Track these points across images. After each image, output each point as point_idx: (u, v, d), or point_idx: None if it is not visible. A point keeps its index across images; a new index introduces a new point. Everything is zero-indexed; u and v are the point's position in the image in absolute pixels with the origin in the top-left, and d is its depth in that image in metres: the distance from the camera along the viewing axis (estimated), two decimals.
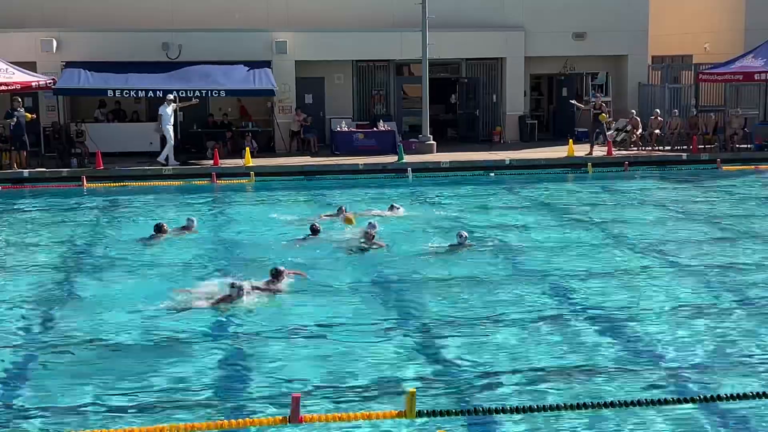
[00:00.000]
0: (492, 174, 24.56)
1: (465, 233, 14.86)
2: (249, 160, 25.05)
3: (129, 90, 25.92)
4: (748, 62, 27.23)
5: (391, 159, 25.94)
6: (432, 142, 27.28)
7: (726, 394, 8.06)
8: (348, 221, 16.06)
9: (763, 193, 21.29)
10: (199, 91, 26.07)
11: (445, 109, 32.00)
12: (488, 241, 15.48)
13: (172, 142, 25.27)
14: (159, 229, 16.09)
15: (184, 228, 16.59)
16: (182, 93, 26.10)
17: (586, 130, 30.33)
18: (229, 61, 27.04)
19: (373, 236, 14.90)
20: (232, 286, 11.85)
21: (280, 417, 7.66)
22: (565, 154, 26.20)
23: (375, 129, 27.88)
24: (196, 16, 28.21)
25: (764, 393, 7.95)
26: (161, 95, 26.26)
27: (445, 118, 31.72)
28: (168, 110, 25.18)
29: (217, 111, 29.04)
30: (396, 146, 26.49)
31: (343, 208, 17.43)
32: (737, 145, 27.27)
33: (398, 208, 18.08)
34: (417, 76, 28.97)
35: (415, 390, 7.68)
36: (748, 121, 27.86)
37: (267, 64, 27.46)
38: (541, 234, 16.00)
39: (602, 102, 26.72)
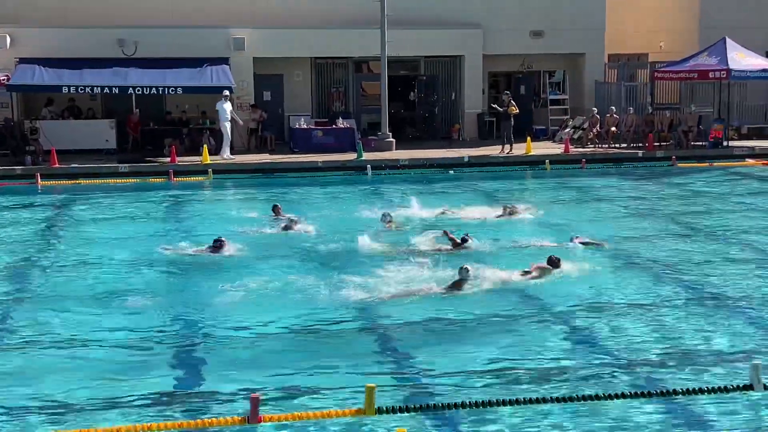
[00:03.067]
0: (451, 171, 24.63)
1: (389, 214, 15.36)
2: (207, 158, 24.87)
3: (84, 87, 25.60)
4: (702, 61, 27.59)
5: (350, 156, 25.91)
6: (391, 139, 27.29)
7: (681, 389, 8.16)
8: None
9: (716, 189, 21.59)
10: (156, 88, 25.84)
11: (404, 106, 32.01)
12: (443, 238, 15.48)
13: (229, 137, 25.47)
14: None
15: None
16: (138, 90, 25.86)
17: (544, 127, 30.61)
18: (186, 58, 26.79)
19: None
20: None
21: (239, 417, 7.61)
22: (523, 152, 26.35)
23: (334, 126, 27.80)
24: (152, 12, 27.91)
25: (717, 388, 8.05)
26: (116, 92, 26.00)
27: (404, 115, 31.73)
28: (225, 106, 25.31)
29: (174, 108, 28.78)
30: (355, 144, 26.45)
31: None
32: (692, 143, 27.63)
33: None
34: (376, 74, 28.96)
35: (374, 386, 7.66)
36: (702, 119, 28.23)
37: (225, 60, 27.27)
38: (499, 232, 16.00)
39: (510, 99, 26.84)
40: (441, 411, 7.85)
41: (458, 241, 14.45)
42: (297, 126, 27.69)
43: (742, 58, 26.97)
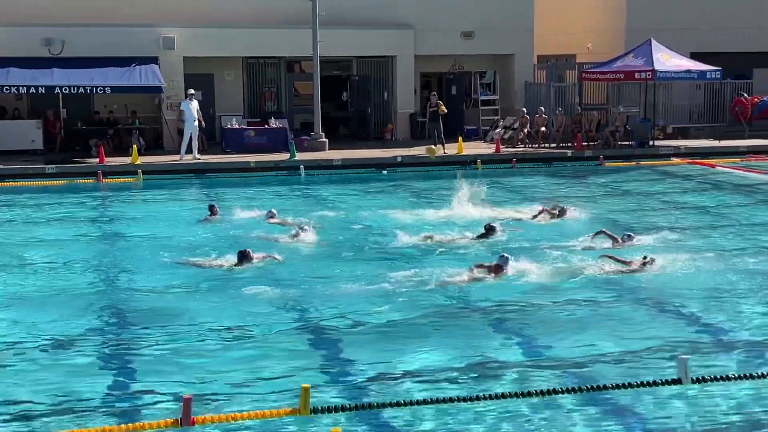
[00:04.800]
0: (384, 171, 24.69)
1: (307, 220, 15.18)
2: (136, 158, 24.50)
3: (9, 86, 25.06)
4: (628, 61, 28.10)
5: (283, 157, 25.79)
6: (324, 139, 27.24)
7: (612, 384, 8.30)
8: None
9: (642, 188, 22.03)
10: (84, 87, 25.39)
11: (337, 106, 31.99)
12: (386, 238, 15.52)
13: (187, 138, 25.09)
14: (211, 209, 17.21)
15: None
16: (66, 90, 25.38)
17: (475, 127, 30.88)
18: (114, 57, 26.36)
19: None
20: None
21: (172, 419, 7.51)
22: (455, 152, 26.54)
23: (266, 126, 27.65)
24: (79, 10, 27.37)
25: (647, 382, 8.21)
26: (43, 92, 25.47)
27: (337, 115, 31.71)
28: (192, 105, 25.01)
29: (102, 108, 28.30)
30: (288, 144, 26.34)
31: None
32: (619, 142, 28.15)
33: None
34: (308, 74, 28.89)
35: (309, 386, 7.64)
36: (629, 119, 28.79)
37: (154, 60, 26.91)
38: (428, 230, 16.02)
39: (438, 100, 27.09)
40: (376, 410, 7.86)
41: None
42: (229, 126, 27.47)
43: (667, 59, 27.57)
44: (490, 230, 15.30)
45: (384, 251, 14.61)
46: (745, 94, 30.62)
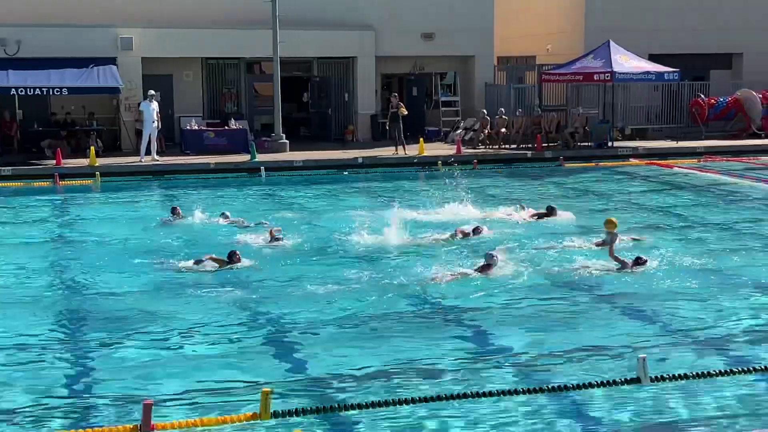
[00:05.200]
0: (345, 173, 24.65)
1: (278, 228, 15.10)
2: (94, 160, 24.22)
3: None
4: (587, 63, 28.37)
5: (243, 158, 25.65)
6: (285, 140, 27.15)
7: (572, 384, 8.34)
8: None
9: (601, 189, 22.21)
10: (40, 88, 25.06)
11: (298, 107, 31.92)
12: (343, 240, 15.48)
13: (146, 139, 24.77)
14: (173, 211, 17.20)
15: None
16: (21, 91, 25.03)
17: (437, 128, 30.95)
18: (71, 58, 26.05)
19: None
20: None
21: (131, 425, 7.41)
22: (416, 153, 26.58)
23: (226, 128, 27.49)
24: (35, 10, 27.00)
25: (606, 381, 8.25)
26: None
27: (298, 116, 31.64)
28: (152, 106, 24.74)
29: (59, 109, 27.94)
30: (248, 145, 26.20)
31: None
32: (578, 143, 28.38)
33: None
34: (269, 74, 28.78)
35: (269, 390, 7.58)
36: (588, 120, 29.04)
37: (112, 60, 26.64)
38: (385, 233, 15.99)
39: (398, 101, 27.15)
40: (337, 412, 7.82)
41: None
42: (188, 127, 27.27)
43: (625, 61, 27.85)
44: (475, 230, 15.40)
45: (347, 252, 14.57)
46: (702, 96, 31.03)
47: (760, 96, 30.75)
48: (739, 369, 8.31)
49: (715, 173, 23.96)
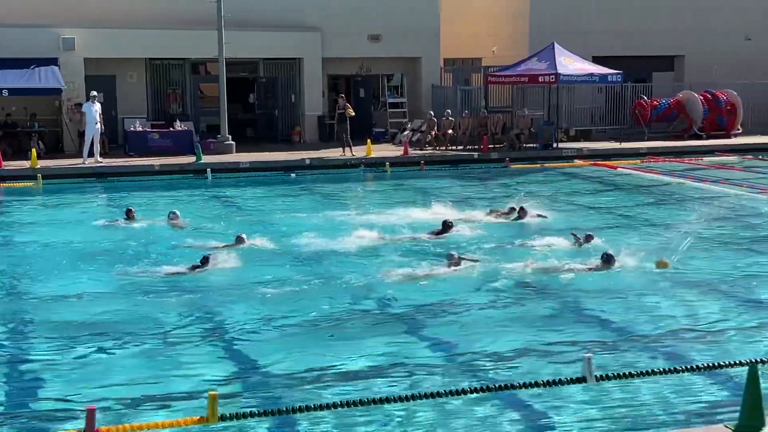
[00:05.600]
0: (293, 174, 24.55)
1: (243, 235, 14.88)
2: (36, 162, 23.78)
3: None
4: (532, 65, 28.62)
5: (188, 160, 25.40)
6: (231, 142, 26.96)
7: (518, 383, 8.40)
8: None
9: (547, 189, 22.41)
10: None
11: (244, 108, 31.73)
12: (294, 242, 15.41)
13: (89, 141, 24.33)
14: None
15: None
16: None
17: (384, 130, 30.98)
18: (12, 59, 25.56)
19: None
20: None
21: (75, 431, 7.29)
22: (363, 154, 26.58)
23: (171, 129, 27.21)
24: None
25: (552, 381, 8.32)
26: None
27: (244, 117, 31.45)
28: (94, 108, 24.33)
29: None
30: (193, 146, 25.96)
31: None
32: (524, 145, 28.62)
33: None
34: (214, 75, 28.54)
35: (216, 393, 7.51)
36: (533, 122, 29.31)
37: (54, 61, 26.20)
38: (335, 234, 16.00)
39: (345, 102, 27.17)
40: (285, 415, 7.77)
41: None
42: (132, 128, 26.93)
43: (569, 63, 28.16)
44: (446, 227, 15.43)
45: (295, 254, 14.51)
46: (645, 97, 31.51)
47: (702, 97, 31.32)
48: (683, 367, 8.43)
49: (657, 174, 24.34)
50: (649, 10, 33.69)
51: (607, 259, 13.04)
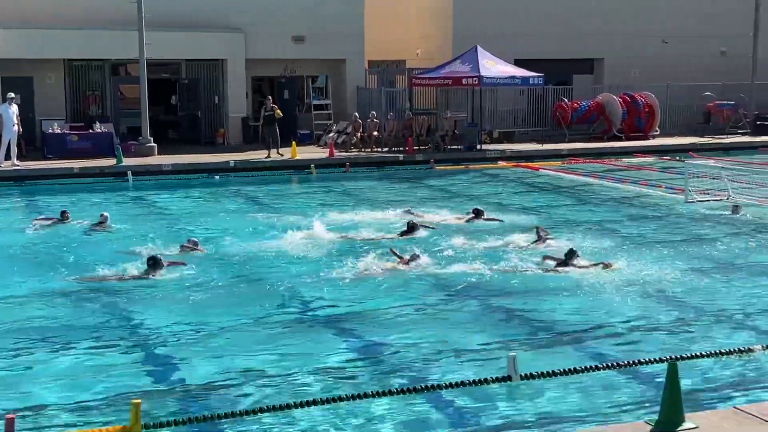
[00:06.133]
0: (216, 177, 24.29)
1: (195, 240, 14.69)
2: None
3: None
4: (456, 68, 28.86)
5: (109, 162, 24.94)
6: (153, 144, 26.56)
7: (444, 383, 8.45)
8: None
9: (473, 190, 22.63)
10: None
11: (166, 110, 31.28)
12: (219, 245, 15.25)
13: (6, 143, 23.75)
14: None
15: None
16: None
17: (309, 132, 30.88)
18: None
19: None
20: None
21: None
22: (289, 156, 26.46)
23: (91, 131, 26.67)
24: None
25: (478, 380, 8.40)
26: None
27: (166, 119, 31.01)
28: (11, 110, 23.73)
29: None
30: (114, 149, 25.48)
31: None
32: (448, 146, 28.85)
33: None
34: (135, 76, 28.10)
35: (139, 401, 7.38)
36: (457, 123, 29.55)
37: None
38: (263, 237, 15.90)
39: (272, 104, 27.10)
40: (211, 422, 7.68)
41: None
42: (50, 131, 26.32)
43: (492, 66, 28.48)
44: (411, 228, 15.48)
45: (222, 258, 14.35)
46: (566, 100, 32.05)
47: (621, 100, 31.99)
48: (604, 365, 8.59)
49: (578, 175, 24.77)
50: (570, 13, 34.29)
51: (570, 255, 13.24)
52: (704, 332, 10.51)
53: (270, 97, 27.98)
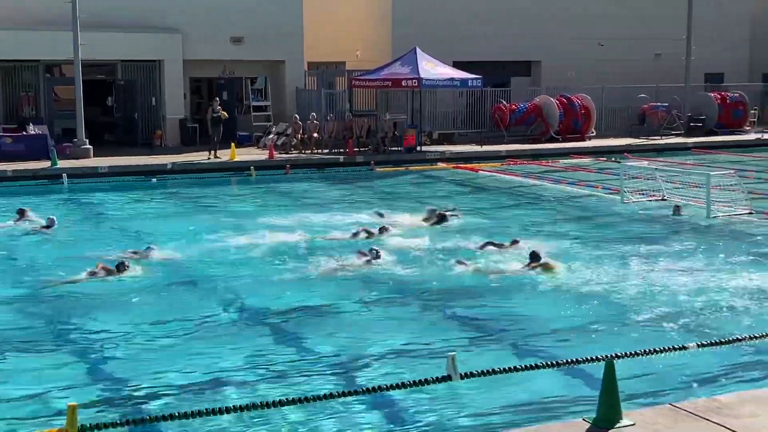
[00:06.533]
0: (154, 179, 23.96)
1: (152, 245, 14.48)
2: None
3: None
4: (395, 69, 28.92)
5: (43, 165, 24.45)
6: (88, 146, 26.12)
7: (385, 385, 8.45)
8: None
9: (411, 191, 22.70)
10: None
11: (102, 111, 30.79)
12: (155, 248, 15.03)
13: None
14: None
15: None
16: None
17: (248, 133, 30.67)
18: None
19: None
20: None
21: None
22: (228, 158, 26.24)
23: (24, 133, 26.11)
24: None
25: (418, 381, 8.42)
26: None
27: (102, 121, 30.52)
28: None
29: None
30: (48, 151, 24.99)
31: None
32: (388, 148, 28.88)
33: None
34: (70, 78, 27.59)
35: (75, 405, 7.24)
36: (397, 125, 29.61)
37: None
38: (202, 240, 15.73)
39: (219, 105, 26.93)
40: (147, 424, 7.57)
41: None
42: None
43: (431, 68, 28.61)
44: (381, 231, 15.62)
45: (160, 260, 14.15)
46: (504, 102, 32.34)
47: (558, 102, 32.38)
48: (544, 363, 8.66)
49: (516, 176, 25.00)
50: (508, 16, 34.63)
51: (534, 257, 13.34)
52: (642, 331, 10.67)
53: (217, 99, 27.71)
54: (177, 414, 7.28)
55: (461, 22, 33.70)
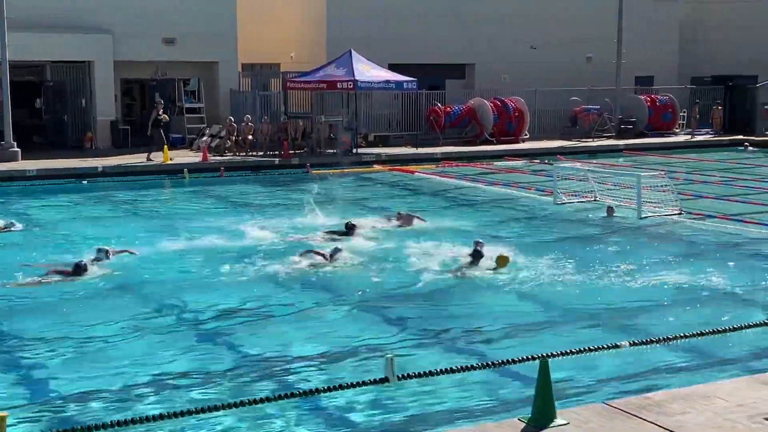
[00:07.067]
0: (84, 182, 23.52)
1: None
2: None
3: None
4: (331, 71, 28.89)
5: None
6: (16, 149, 25.55)
7: (322, 387, 8.41)
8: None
9: (348, 193, 22.69)
10: None
11: (30, 113, 30.13)
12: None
13: None
14: None
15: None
16: None
17: (181, 135, 30.32)
18: None
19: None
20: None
21: None
22: (161, 160, 25.89)
23: None
24: None
25: (355, 383, 8.40)
26: None
27: (31, 123, 29.87)
28: None
29: None
30: None
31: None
32: (324, 150, 28.82)
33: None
34: None
35: (6, 414, 7.05)
36: (332, 127, 29.55)
37: None
38: (139, 243, 15.52)
39: (160, 105, 26.66)
40: None
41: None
42: None
43: (366, 70, 28.64)
44: (350, 229, 15.41)
45: (97, 265, 13.90)
46: (439, 104, 32.50)
47: (492, 104, 32.66)
48: (479, 364, 8.70)
49: (451, 178, 25.14)
50: (442, 19, 34.82)
51: (476, 255, 13.41)
52: (575, 330, 10.81)
53: (161, 101, 27.31)
54: (110, 423, 7.15)
55: (396, 25, 33.80)
